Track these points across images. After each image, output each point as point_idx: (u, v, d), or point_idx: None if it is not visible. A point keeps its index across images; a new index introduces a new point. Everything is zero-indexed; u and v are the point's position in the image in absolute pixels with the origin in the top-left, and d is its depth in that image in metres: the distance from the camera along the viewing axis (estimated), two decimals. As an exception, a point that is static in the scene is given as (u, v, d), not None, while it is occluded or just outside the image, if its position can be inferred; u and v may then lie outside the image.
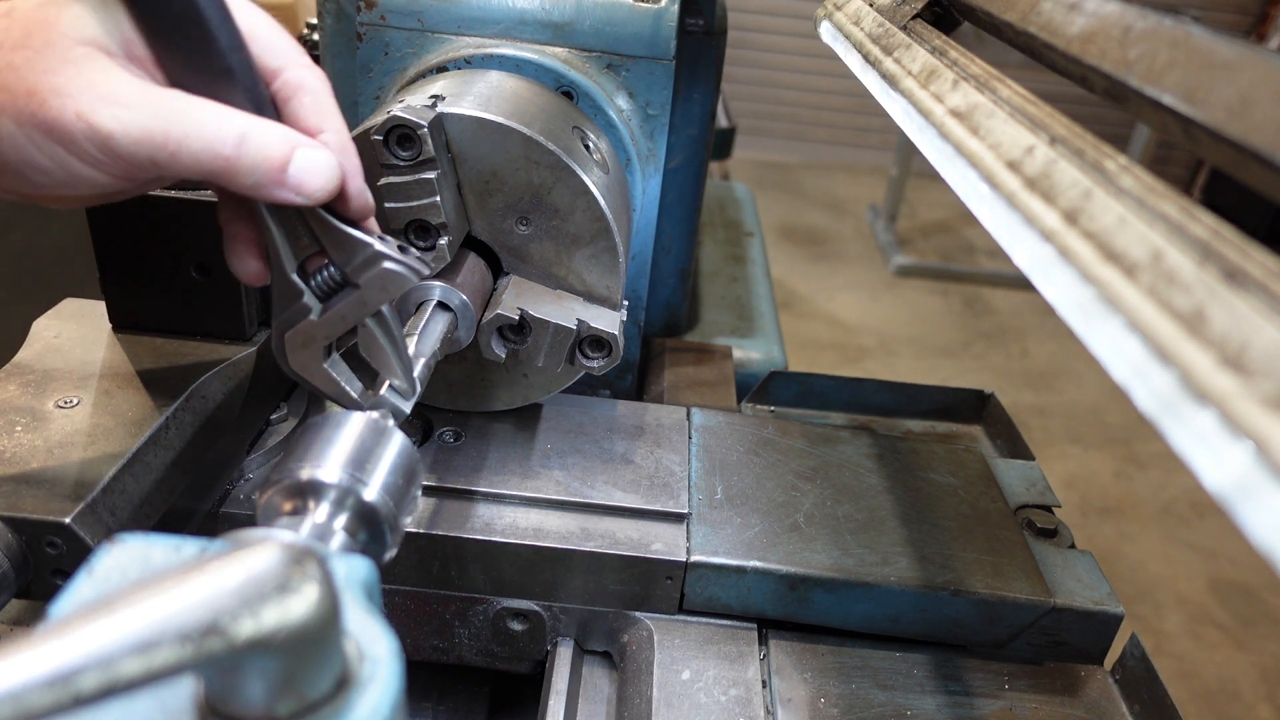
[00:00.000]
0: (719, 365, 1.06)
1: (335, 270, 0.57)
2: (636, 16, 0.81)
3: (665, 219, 1.00)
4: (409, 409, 0.60)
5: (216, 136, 0.48)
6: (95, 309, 0.78)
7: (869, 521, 0.77)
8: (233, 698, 0.33)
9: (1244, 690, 2.53)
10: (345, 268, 0.56)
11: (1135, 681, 0.71)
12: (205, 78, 0.50)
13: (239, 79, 0.50)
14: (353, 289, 0.57)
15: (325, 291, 0.58)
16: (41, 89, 0.46)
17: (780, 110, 6.14)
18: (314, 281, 0.57)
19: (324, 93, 0.55)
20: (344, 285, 0.57)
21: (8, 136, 0.47)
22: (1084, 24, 0.49)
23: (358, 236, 0.56)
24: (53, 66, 0.47)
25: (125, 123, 0.47)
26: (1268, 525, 0.24)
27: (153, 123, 0.47)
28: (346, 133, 0.56)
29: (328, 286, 0.57)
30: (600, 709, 0.71)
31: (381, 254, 0.56)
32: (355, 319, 0.58)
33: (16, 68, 0.47)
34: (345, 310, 0.57)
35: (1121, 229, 0.34)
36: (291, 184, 0.51)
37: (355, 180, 0.55)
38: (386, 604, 0.73)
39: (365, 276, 0.56)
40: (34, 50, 0.47)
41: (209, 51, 0.49)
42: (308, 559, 0.32)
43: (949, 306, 4.50)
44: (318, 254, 0.57)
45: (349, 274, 0.57)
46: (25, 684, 0.26)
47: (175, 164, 0.48)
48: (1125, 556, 2.97)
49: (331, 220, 0.55)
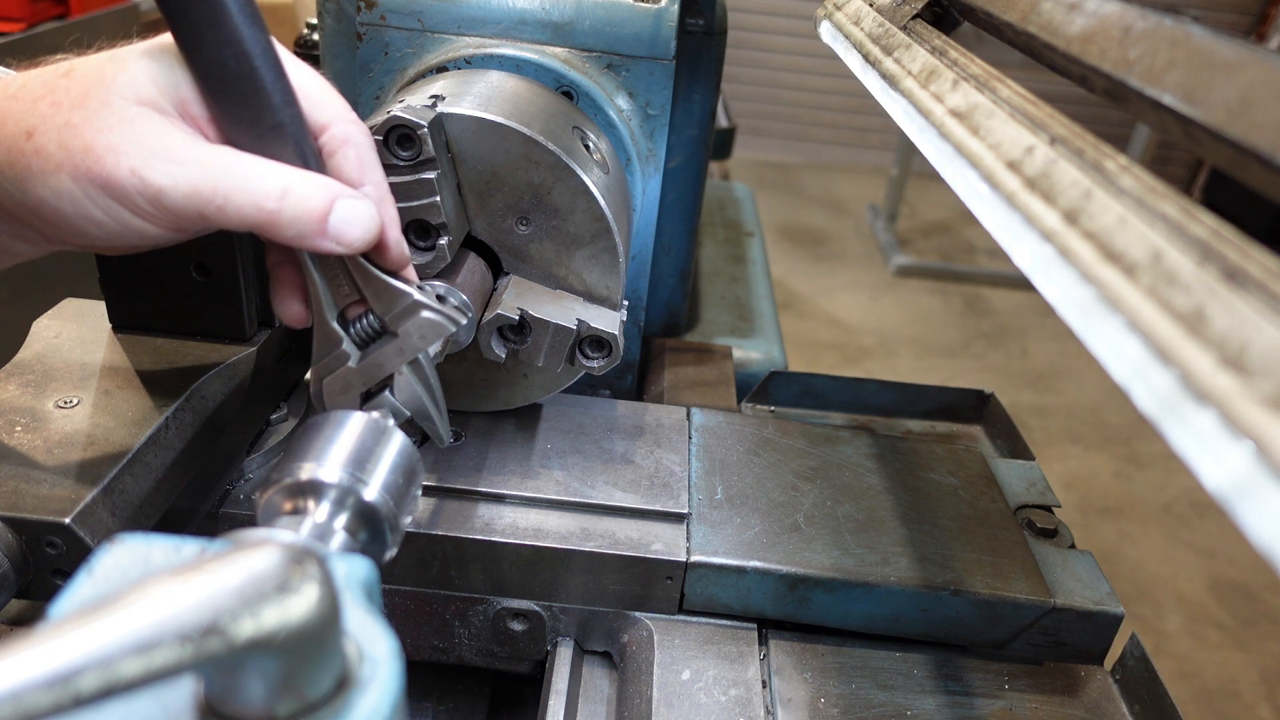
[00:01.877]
0: (719, 365, 1.06)
1: (374, 319, 0.59)
2: (636, 16, 0.81)
3: (665, 219, 1.00)
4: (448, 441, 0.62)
5: (261, 190, 0.51)
6: (95, 309, 0.78)
7: (869, 521, 0.77)
8: (233, 698, 0.33)
9: (1244, 690, 2.53)
10: (384, 316, 0.59)
11: (1135, 681, 0.71)
12: (257, 132, 0.52)
13: (289, 133, 0.53)
14: (391, 337, 0.59)
15: (364, 339, 0.60)
16: (98, 146, 0.49)
17: (780, 110, 6.14)
18: (353, 329, 0.59)
19: (367, 147, 0.58)
20: (382, 333, 0.59)
21: (65, 192, 0.49)
22: (1084, 24, 0.49)
23: (398, 286, 0.58)
24: (109, 125, 0.49)
25: (176, 178, 0.49)
26: (1268, 525, 0.24)
27: (201, 177, 0.50)
28: (386, 185, 0.58)
29: (366, 335, 0.60)
30: (600, 709, 0.71)
31: (420, 303, 0.58)
32: (392, 367, 0.60)
33: (74, 126, 0.49)
34: (383, 358, 0.59)
35: (1121, 229, 0.34)
36: (332, 234, 0.53)
37: (394, 231, 0.58)
38: (386, 604, 0.73)
39: (404, 325, 0.58)
40: (91, 110, 0.50)
41: (263, 108, 0.52)
42: (308, 559, 0.32)
43: (949, 306, 4.50)
44: (357, 302, 0.59)
45: (388, 322, 0.59)
46: (25, 684, 0.26)
47: (222, 217, 0.51)
48: (1125, 556, 2.98)
49: (372, 269, 0.57)
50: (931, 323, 4.33)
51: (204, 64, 0.51)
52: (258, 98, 0.52)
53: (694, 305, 1.24)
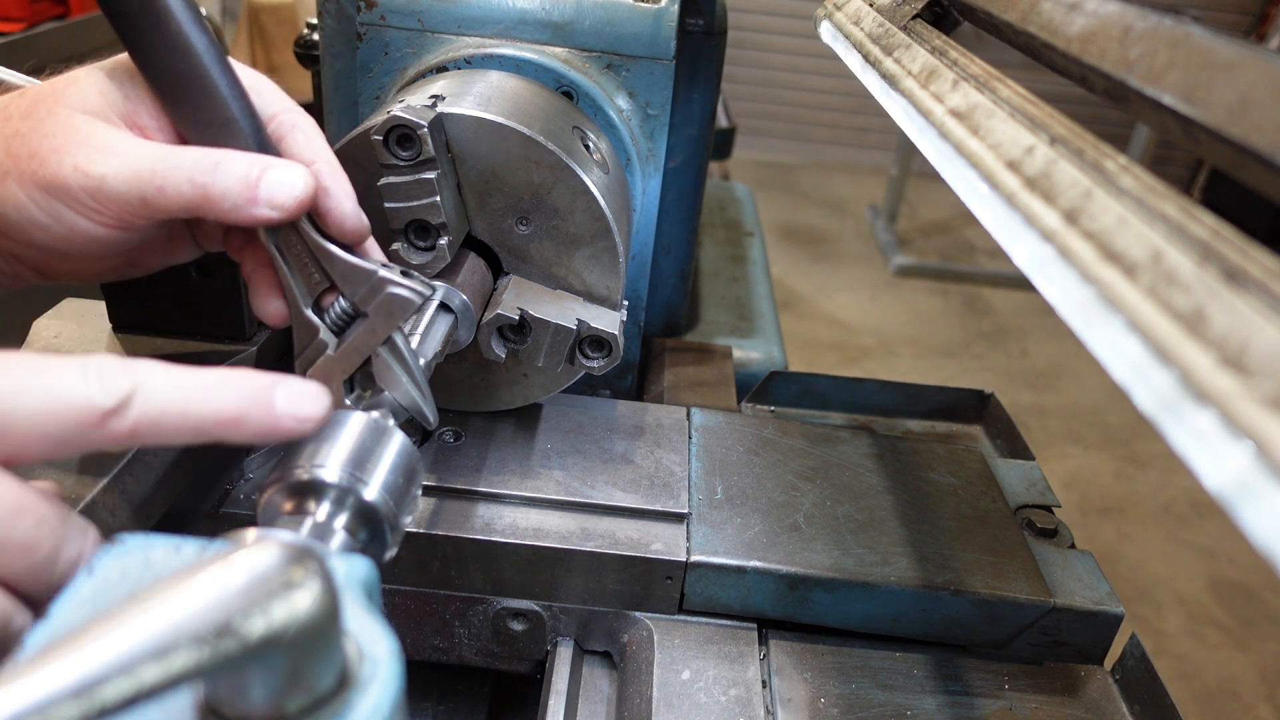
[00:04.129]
0: (719, 365, 1.06)
1: (346, 303, 0.59)
2: (636, 16, 0.81)
3: (665, 219, 1.00)
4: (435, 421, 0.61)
5: (195, 166, 0.52)
6: (95, 309, 0.78)
7: (869, 521, 0.77)
8: (240, 698, 0.33)
9: (1244, 690, 2.53)
10: (354, 298, 0.58)
11: (1135, 681, 0.71)
12: (213, 129, 0.55)
13: (242, 126, 0.55)
14: (363, 319, 0.59)
15: (339, 325, 0.59)
16: (42, 150, 0.51)
17: (780, 110, 6.14)
18: (328, 317, 0.59)
19: (314, 130, 0.60)
20: (355, 316, 0.59)
21: (10, 198, 0.52)
22: (1084, 24, 0.49)
23: (360, 265, 0.58)
24: (53, 131, 0.52)
25: (116, 166, 0.51)
26: (1268, 525, 0.24)
27: (140, 164, 0.52)
28: (337, 162, 0.59)
29: (341, 320, 0.59)
30: (600, 709, 0.71)
31: (385, 279, 0.57)
32: (369, 349, 0.59)
33: (22, 135, 0.52)
34: (358, 341, 0.59)
35: (1121, 229, 0.34)
36: (264, 199, 0.53)
37: (347, 203, 0.58)
38: (386, 604, 0.73)
39: (372, 304, 0.58)
40: (38, 119, 0.52)
41: (214, 104, 0.55)
42: (307, 556, 0.32)
43: (949, 306, 4.50)
44: (329, 289, 0.59)
45: (358, 304, 0.58)
46: (52, 696, 0.26)
47: (162, 198, 0.52)
48: (1125, 556, 2.98)
49: (335, 251, 0.57)
50: (931, 323, 4.33)
51: (155, 69, 0.54)
52: (208, 96, 0.54)
53: (694, 305, 1.24)
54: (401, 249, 0.67)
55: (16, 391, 0.40)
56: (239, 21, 4.05)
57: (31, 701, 0.26)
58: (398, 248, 0.67)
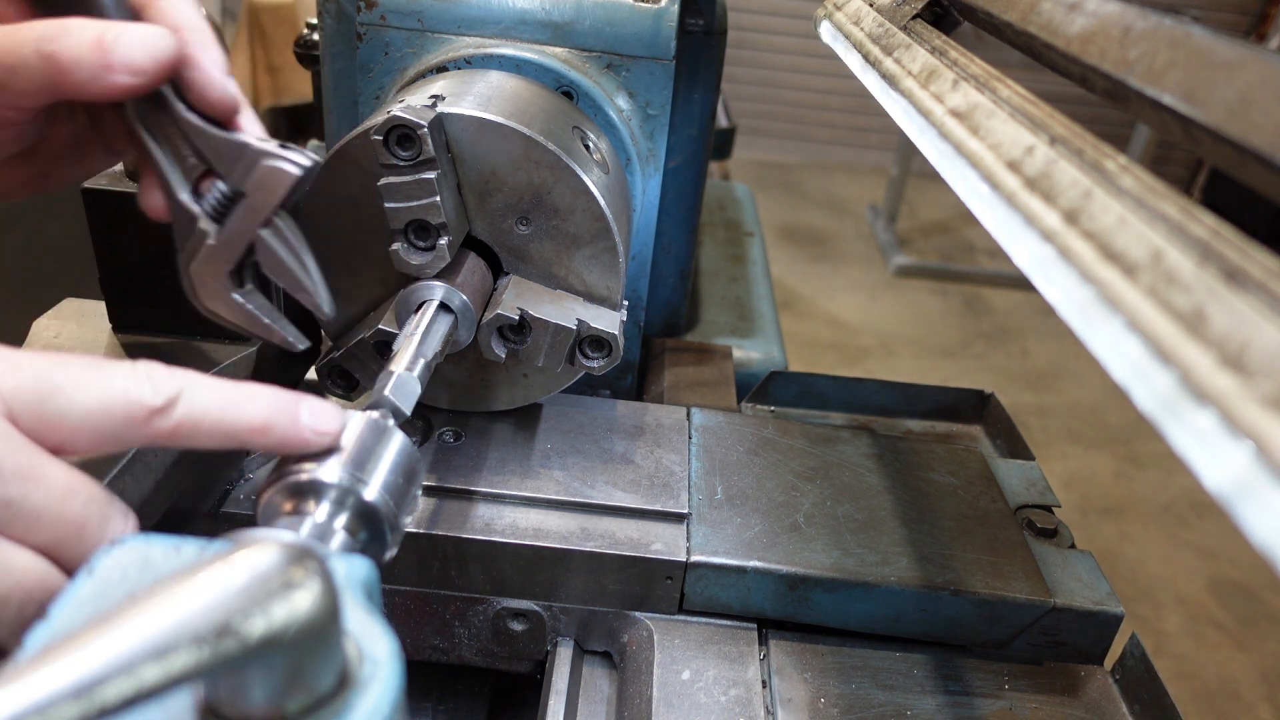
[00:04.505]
0: (719, 365, 1.06)
1: (224, 185, 0.55)
2: (636, 16, 0.81)
3: (665, 219, 1.00)
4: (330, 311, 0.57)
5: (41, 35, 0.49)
6: (95, 309, 0.78)
7: (869, 521, 0.77)
8: (240, 698, 0.33)
9: (1244, 690, 2.53)
10: (230, 177, 0.54)
11: (1135, 681, 0.71)
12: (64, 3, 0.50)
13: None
14: (242, 199, 0.55)
15: (219, 210, 0.55)
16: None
17: (780, 110, 6.14)
18: (205, 202, 0.55)
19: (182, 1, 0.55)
20: (234, 198, 0.55)
21: None
22: (1084, 24, 0.49)
23: (233, 138, 0.54)
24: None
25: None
26: (1268, 525, 0.24)
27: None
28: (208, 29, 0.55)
29: (220, 205, 0.55)
30: (600, 709, 0.71)
31: (261, 151, 0.54)
32: (249, 232, 0.55)
33: None
34: (238, 224, 0.55)
35: (1121, 229, 0.34)
36: (119, 63, 0.50)
37: (214, 71, 0.54)
38: (386, 604, 0.73)
39: (249, 182, 0.54)
40: None
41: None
42: (307, 556, 0.32)
43: (949, 306, 4.50)
44: (207, 173, 0.55)
45: (235, 184, 0.54)
46: (52, 696, 0.26)
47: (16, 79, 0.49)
48: (1125, 556, 2.98)
49: (207, 127, 0.54)
50: (931, 323, 4.33)
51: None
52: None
53: (694, 305, 1.24)
54: (401, 249, 0.67)
55: (76, 386, 0.43)
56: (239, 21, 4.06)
57: (31, 702, 0.26)
58: (398, 248, 0.67)
